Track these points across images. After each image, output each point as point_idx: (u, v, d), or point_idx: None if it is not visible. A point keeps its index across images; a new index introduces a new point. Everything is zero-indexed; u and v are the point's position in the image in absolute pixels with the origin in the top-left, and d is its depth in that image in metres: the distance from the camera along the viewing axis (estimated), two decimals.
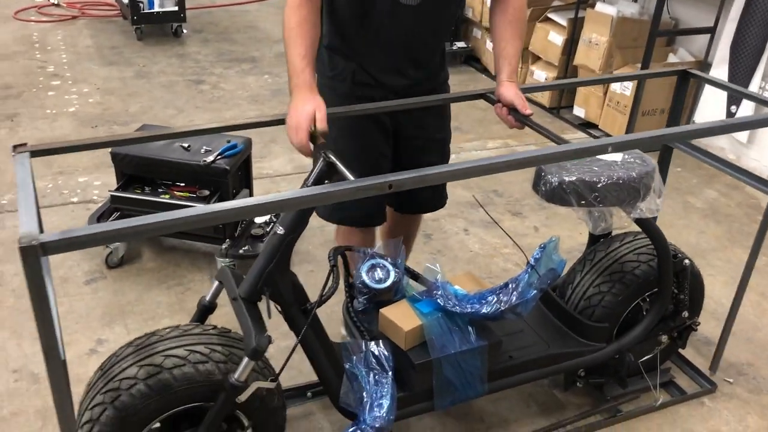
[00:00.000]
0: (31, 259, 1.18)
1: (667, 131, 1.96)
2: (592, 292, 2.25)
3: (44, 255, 1.20)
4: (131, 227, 1.27)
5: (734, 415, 2.40)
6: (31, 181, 1.40)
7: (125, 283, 2.80)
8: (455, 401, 2.03)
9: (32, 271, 1.19)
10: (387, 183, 1.49)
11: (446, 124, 2.34)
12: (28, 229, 1.21)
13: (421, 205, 2.41)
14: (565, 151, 1.76)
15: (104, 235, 1.27)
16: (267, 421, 1.79)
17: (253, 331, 1.63)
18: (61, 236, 1.22)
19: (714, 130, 2.13)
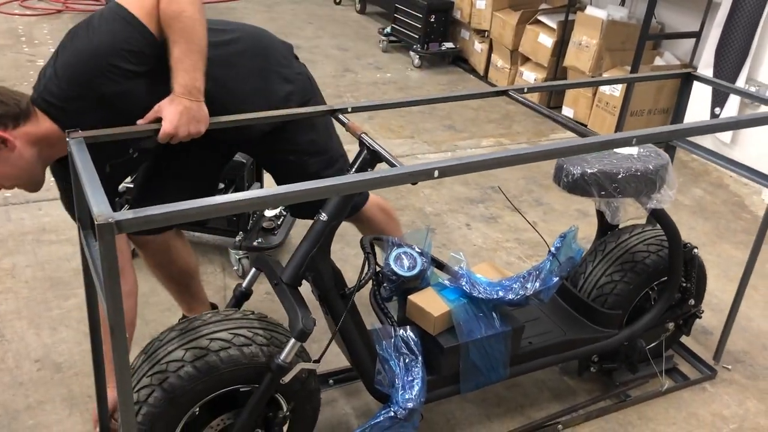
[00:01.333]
0: (107, 236, 1.22)
1: (690, 125, 2.07)
2: (604, 281, 2.34)
3: (119, 232, 1.23)
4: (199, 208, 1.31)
5: (734, 400, 2.51)
6: (91, 164, 1.43)
7: (139, 275, 2.75)
8: (480, 385, 2.09)
9: (107, 247, 1.23)
10: (434, 169, 1.54)
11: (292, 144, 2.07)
12: (101, 209, 1.24)
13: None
14: (593, 143, 1.84)
15: (174, 215, 1.30)
16: (305, 403, 1.83)
17: (300, 314, 1.68)
18: (134, 215, 1.26)
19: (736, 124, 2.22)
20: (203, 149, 1.87)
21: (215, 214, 1.33)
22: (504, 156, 1.66)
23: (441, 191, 3.78)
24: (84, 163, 1.44)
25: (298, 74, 2.06)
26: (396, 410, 1.86)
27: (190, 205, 1.29)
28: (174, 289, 2.32)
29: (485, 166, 1.64)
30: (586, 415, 2.35)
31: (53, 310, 2.57)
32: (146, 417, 1.62)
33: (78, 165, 1.43)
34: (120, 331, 1.29)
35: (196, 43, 1.68)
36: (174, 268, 2.24)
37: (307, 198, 1.45)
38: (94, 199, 1.28)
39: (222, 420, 1.75)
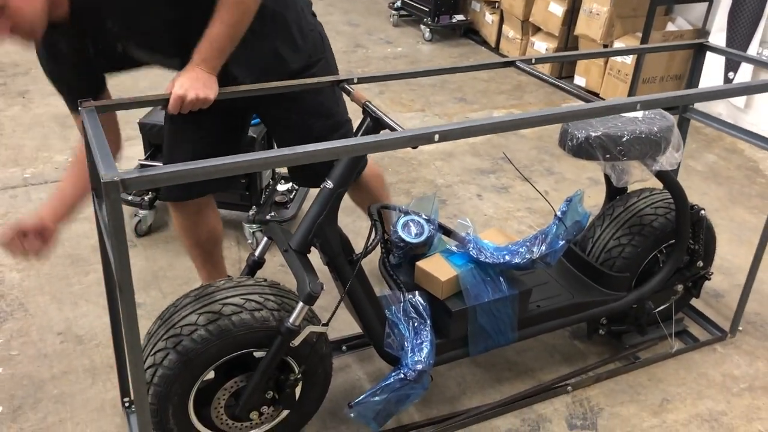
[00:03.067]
0: (113, 194, 1.27)
1: (695, 91, 2.07)
2: (612, 245, 2.36)
3: (125, 191, 1.28)
4: (203, 167, 1.34)
5: (745, 360, 2.53)
6: (101, 131, 1.47)
7: (156, 251, 2.88)
8: (488, 348, 2.13)
9: (113, 205, 1.29)
10: (434, 133, 1.57)
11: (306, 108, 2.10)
12: (109, 170, 1.29)
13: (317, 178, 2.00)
14: (597, 107, 1.85)
15: (177, 174, 1.34)
16: (316, 366, 1.88)
17: (307, 278, 1.72)
18: (139, 174, 1.31)
19: (743, 90, 2.23)
20: (218, 116, 1.91)
21: (219, 173, 1.36)
22: (504, 120, 1.68)
23: (452, 163, 3.80)
24: (95, 130, 1.48)
25: (311, 30, 2.08)
26: (406, 372, 1.91)
27: (195, 165, 1.33)
28: (198, 255, 2.38)
29: (485, 130, 1.66)
30: (596, 377, 2.39)
31: (74, 285, 2.65)
32: (162, 379, 1.69)
33: (89, 132, 1.48)
34: (127, 289, 1.33)
35: (238, 31, 1.74)
36: (203, 232, 2.31)
37: (310, 160, 1.47)
38: (103, 162, 1.33)
39: (235, 382, 1.81)
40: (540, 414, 2.24)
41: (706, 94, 2.14)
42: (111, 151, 1.39)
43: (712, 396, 2.35)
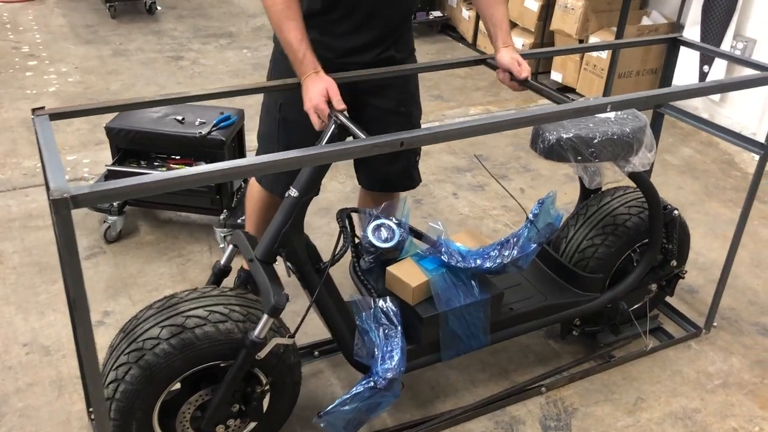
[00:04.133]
0: (63, 211, 1.22)
1: (665, 91, 2.05)
2: (586, 245, 2.35)
3: (75, 207, 1.24)
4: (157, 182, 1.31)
5: (719, 356, 2.53)
6: (53, 141, 1.43)
7: (126, 257, 2.83)
8: (460, 352, 2.12)
9: (63, 222, 1.23)
10: (399, 140, 1.55)
11: (409, 98, 2.27)
12: (58, 184, 1.24)
13: (386, 182, 2.35)
14: (567, 110, 1.83)
15: (130, 189, 1.30)
16: (285, 377, 1.85)
17: (272, 290, 1.69)
18: (91, 189, 1.26)
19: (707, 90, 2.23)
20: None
21: (174, 187, 1.33)
22: (471, 125, 1.65)
23: (428, 161, 3.77)
24: (47, 139, 1.44)
25: None
26: (376, 380, 1.88)
27: (146, 179, 1.29)
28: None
29: (451, 136, 1.64)
30: (570, 377, 2.38)
31: (41, 294, 2.60)
32: (124, 394, 1.65)
33: (41, 141, 1.44)
34: (82, 305, 1.30)
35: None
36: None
37: (274, 169, 1.45)
38: (52, 174, 1.28)
39: (200, 396, 1.78)
40: (513, 416, 2.23)
41: (677, 94, 2.12)
42: None
43: (686, 393, 2.36)
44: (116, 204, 2.86)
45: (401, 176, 2.35)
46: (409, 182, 2.39)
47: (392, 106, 2.22)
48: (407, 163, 2.34)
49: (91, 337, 1.34)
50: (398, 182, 2.38)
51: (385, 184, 2.36)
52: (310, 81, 1.81)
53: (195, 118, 2.85)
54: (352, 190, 3.43)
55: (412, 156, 2.34)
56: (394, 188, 2.40)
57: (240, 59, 5.05)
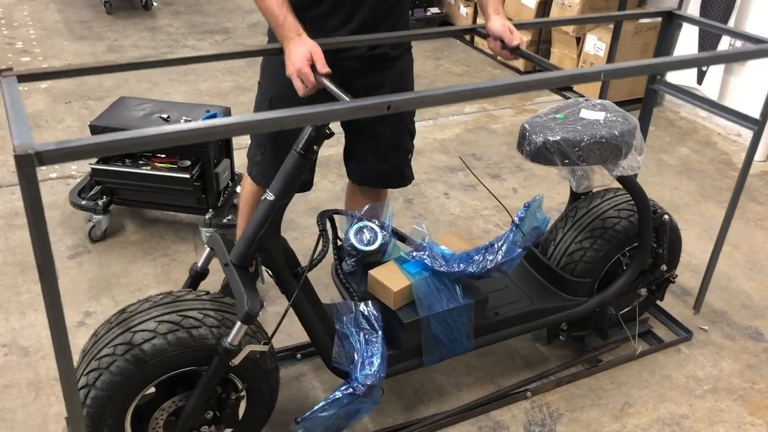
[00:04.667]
0: (28, 169, 1.17)
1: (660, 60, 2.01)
2: (574, 248, 2.31)
3: (40, 165, 1.19)
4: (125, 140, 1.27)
5: (709, 360, 2.50)
6: (19, 100, 1.39)
7: (110, 256, 2.80)
8: (443, 357, 2.08)
9: (28, 180, 1.18)
10: (386, 104, 1.48)
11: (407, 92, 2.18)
12: (22, 141, 1.20)
13: (380, 179, 2.31)
14: (561, 76, 1.79)
15: (98, 147, 1.27)
16: (261, 383, 1.82)
17: (246, 296, 1.66)
18: (56, 146, 1.21)
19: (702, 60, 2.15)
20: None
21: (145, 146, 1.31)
22: (459, 90, 1.58)
23: (421, 161, 3.74)
24: (12, 99, 1.40)
25: None
26: (355, 387, 1.85)
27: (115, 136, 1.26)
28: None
29: (439, 100, 1.60)
30: (557, 381, 2.35)
31: (22, 294, 2.57)
32: (95, 400, 1.63)
33: (7, 101, 1.39)
34: (49, 271, 1.25)
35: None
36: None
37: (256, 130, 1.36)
38: (17, 132, 1.24)
39: (174, 402, 1.75)
40: (497, 421, 2.19)
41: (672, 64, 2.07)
42: None
43: (675, 399, 2.32)
44: (101, 203, 2.83)
45: (393, 173, 2.32)
46: (401, 180, 2.35)
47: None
48: (400, 160, 2.30)
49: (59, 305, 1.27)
50: (390, 179, 2.34)
51: (376, 180, 2.32)
52: (293, 44, 1.77)
53: (180, 116, 2.82)
54: (342, 189, 3.39)
55: (404, 153, 2.31)
56: (386, 185, 2.37)
57: None
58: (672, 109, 4.64)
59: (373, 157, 2.23)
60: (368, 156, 2.23)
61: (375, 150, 2.23)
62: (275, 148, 2.16)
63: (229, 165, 3.00)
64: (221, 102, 4.22)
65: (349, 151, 2.29)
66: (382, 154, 2.23)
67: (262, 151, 2.22)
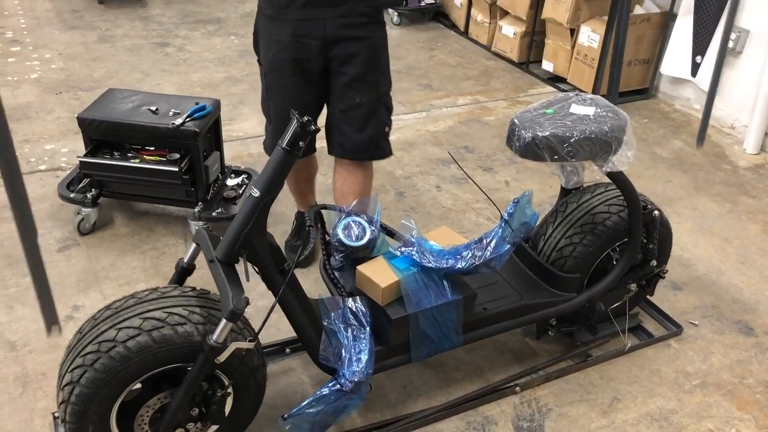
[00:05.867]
0: None
1: None
2: (564, 244, 2.30)
3: None
4: None
5: (699, 355, 2.50)
6: None
7: (99, 250, 2.79)
8: (431, 353, 2.08)
9: None
10: None
11: (377, 68, 2.40)
12: None
13: (355, 149, 2.46)
14: None
15: None
16: (247, 379, 1.82)
17: (231, 293, 1.64)
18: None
19: None
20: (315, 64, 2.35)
21: None
22: None
23: (413, 153, 3.72)
24: None
25: None
26: (342, 383, 1.85)
27: None
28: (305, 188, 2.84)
29: None
30: (546, 377, 2.34)
31: (10, 288, 2.56)
32: (79, 397, 1.62)
33: None
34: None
35: None
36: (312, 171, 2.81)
37: None
38: None
39: (159, 399, 1.74)
40: (486, 416, 2.19)
41: None
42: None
43: (664, 394, 2.32)
44: (90, 196, 2.81)
45: (370, 145, 2.47)
46: (377, 152, 2.52)
47: (360, 73, 2.35)
48: (376, 133, 2.46)
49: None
50: (367, 151, 2.49)
51: (354, 152, 2.48)
52: None
53: (169, 108, 2.80)
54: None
55: (381, 126, 2.47)
56: (363, 157, 2.52)
57: (227, 46, 4.97)
58: (666, 101, 4.63)
59: (350, 128, 2.41)
60: (345, 127, 2.42)
61: (351, 122, 2.41)
62: (278, 119, 2.43)
63: (219, 158, 2.98)
64: (212, 93, 4.19)
65: (329, 125, 2.48)
66: (359, 126, 2.41)
67: (268, 121, 2.51)
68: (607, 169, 2.08)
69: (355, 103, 2.37)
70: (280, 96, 2.39)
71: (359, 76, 2.34)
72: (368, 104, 2.39)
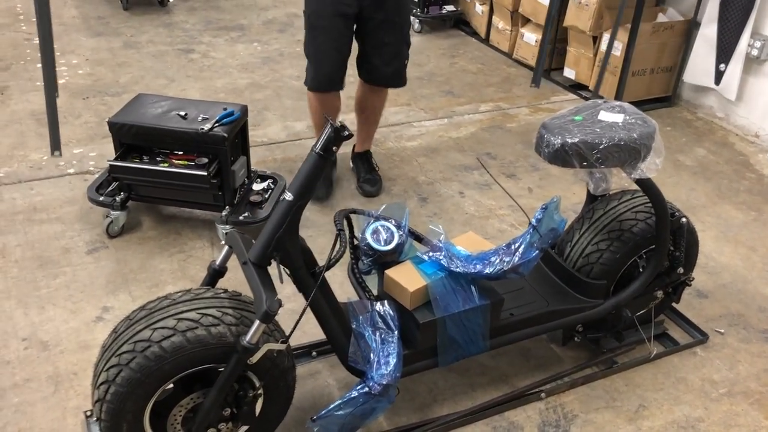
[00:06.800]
0: None
1: None
2: (590, 250, 2.30)
3: None
4: None
5: (725, 364, 2.49)
6: None
7: (127, 252, 2.83)
8: (458, 358, 2.09)
9: None
10: None
11: (402, 9, 3.01)
12: None
13: (382, 78, 3.12)
14: None
15: None
16: (278, 381, 1.83)
17: (264, 295, 1.67)
18: None
19: None
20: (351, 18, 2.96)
21: None
22: None
23: (436, 159, 3.74)
24: None
25: None
26: (371, 386, 1.86)
27: None
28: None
29: None
30: (571, 383, 2.34)
31: (41, 289, 2.60)
32: (115, 396, 1.64)
33: None
34: None
35: None
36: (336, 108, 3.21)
37: None
38: None
39: (192, 399, 1.77)
40: (512, 421, 2.20)
41: None
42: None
43: (690, 402, 2.32)
44: (119, 199, 2.86)
45: (395, 75, 3.13)
46: (399, 81, 3.17)
47: (389, 16, 2.93)
48: (400, 65, 3.11)
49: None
50: (391, 80, 3.15)
51: (382, 80, 3.14)
52: None
53: (198, 113, 2.83)
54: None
55: (403, 60, 3.11)
56: (388, 84, 3.19)
57: (250, 53, 5.02)
58: (689, 110, 4.61)
59: (379, 62, 3.04)
60: (375, 60, 3.05)
61: (381, 56, 3.03)
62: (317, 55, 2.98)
63: (246, 163, 3.02)
64: (237, 99, 4.23)
65: (361, 57, 3.10)
66: (386, 59, 3.05)
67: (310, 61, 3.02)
68: (635, 176, 2.08)
69: (384, 42, 2.96)
70: (321, 35, 2.91)
71: (389, 18, 2.92)
72: (394, 43, 3.00)
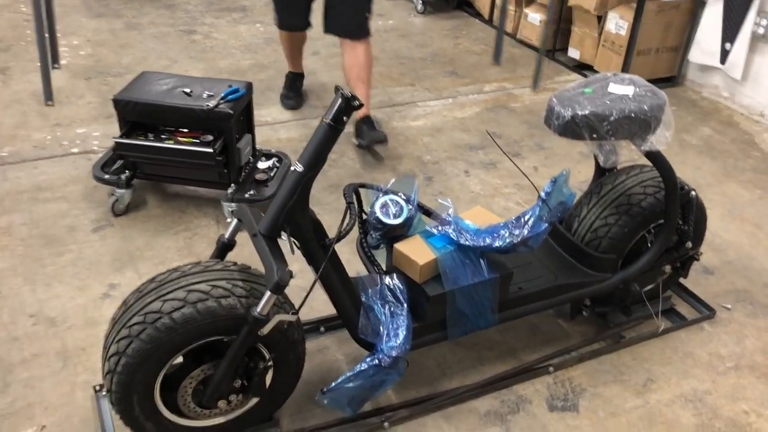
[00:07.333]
0: None
1: None
2: (599, 224, 2.30)
3: None
4: None
5: (732, 338, 2.49)
6: None
7: (133, 230, 2.82)
8: (467, 331, 2.09)
9: None
10: None
11: None
12: None
13: (344, 29, 3.40)
14: None
15: None
16: (287, 353, 1.83)
17: (275, 266, 1.66)
18: None
19: None
20: None
21: None
22: None
23: (440, 139, 3.72)
24: None
25: None
26: (381, 358, 1.86)
27: None
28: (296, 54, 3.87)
29: None
30: (579, 357, 2.35)
31: (48, 266, 2.59)
32: (125, 368, 1.64)
33: None
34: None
35: None
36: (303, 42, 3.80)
37: None
38: None
39: (202, 371, 1.77)
40: (520, 395, 2.20)
41: None
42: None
43: (698, 375, 2.32)
44: (124, 177, 2.84)
45: (356, 27, 3.39)
46: (360, 32, 3.40)
47: None
48: (361, 18, 3.38)
49: None
50: (352, 31, 3.40)
51: (342, 30, 3.41)
52: None
53: (203, 90, 2.82)
54: (362, 166, 3.39)
55: (364, 13, 3.38)
56: (350, 35, 3.41)
57: (253, 34, 4.99)
58: (693, 89, 4.59)
59: (342, 12, 3.35)
60: (338, 10, 3.35)
61: (344, 9, 3.34)
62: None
63: (251, 140, 3.00)
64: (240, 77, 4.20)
65: (326, 8, 3.39)
66: (349, 12, 3.36)
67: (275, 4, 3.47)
68: (645, 149, 2.07)
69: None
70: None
71: None
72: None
